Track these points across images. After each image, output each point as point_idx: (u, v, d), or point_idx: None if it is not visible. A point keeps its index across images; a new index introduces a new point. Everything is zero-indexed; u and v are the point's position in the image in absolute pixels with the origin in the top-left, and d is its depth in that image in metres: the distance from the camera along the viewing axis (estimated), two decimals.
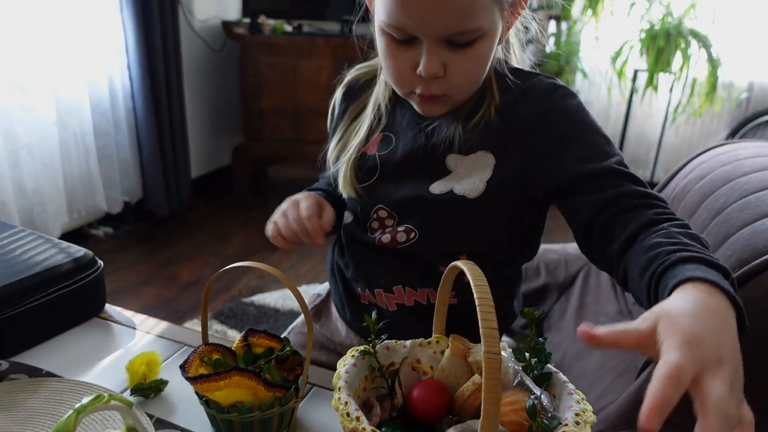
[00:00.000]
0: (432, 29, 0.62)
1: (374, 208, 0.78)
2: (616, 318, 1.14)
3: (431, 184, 0.73)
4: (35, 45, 2.02)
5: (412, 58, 0.66)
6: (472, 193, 0.71)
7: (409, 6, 0.61)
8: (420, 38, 0.65)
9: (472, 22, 0.62)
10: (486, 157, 0.71)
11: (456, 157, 0.73)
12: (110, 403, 0.51)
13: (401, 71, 0.68)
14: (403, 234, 0.76)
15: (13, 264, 0.80)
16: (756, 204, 0.82)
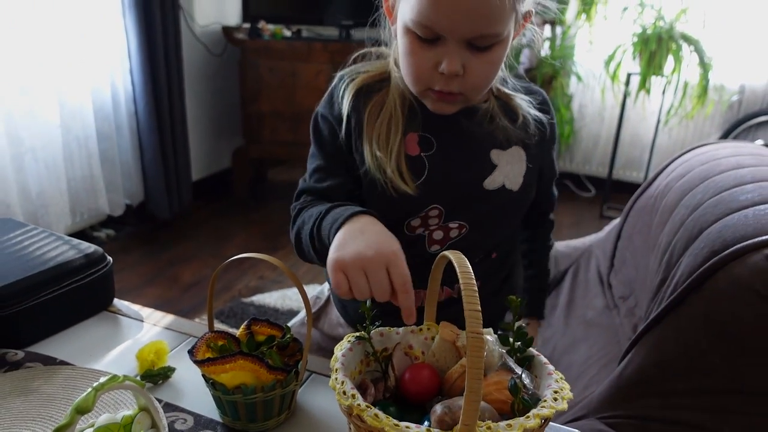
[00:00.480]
0: (459, 30, 0.67)
1: (427, 208, 0.80)
2: (603, 312, 1.18)
3: (484, 180, 0.80)
4: (39, 50, 2.07)
5: (434, 57, 0.70)
6: (515, 186, 0.81)
7: (442, 6, 0.66)
8: (444, 38, 0.69)
9: (495, 28, 0.68)
10: (519, 153, 0.81)
11: (498, 152, 0.80)
12: (125, 383, 0.56)
13: (422, 68, 0.72)
14: (456, 230, 0.82)
15: (27, 260, 0.84)
16: (729, 200, 0.86)
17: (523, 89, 0.85)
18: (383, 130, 0.79)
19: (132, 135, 2.53)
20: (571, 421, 0.85)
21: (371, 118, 0.80)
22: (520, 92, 0.84)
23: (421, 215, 0.81)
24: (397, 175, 0.77)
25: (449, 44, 0.69)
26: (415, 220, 0.81)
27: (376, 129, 0.79)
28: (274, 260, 0.65)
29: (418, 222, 0.81)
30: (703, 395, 0.74)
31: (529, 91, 0.86)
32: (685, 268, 0.85)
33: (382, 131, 0.79)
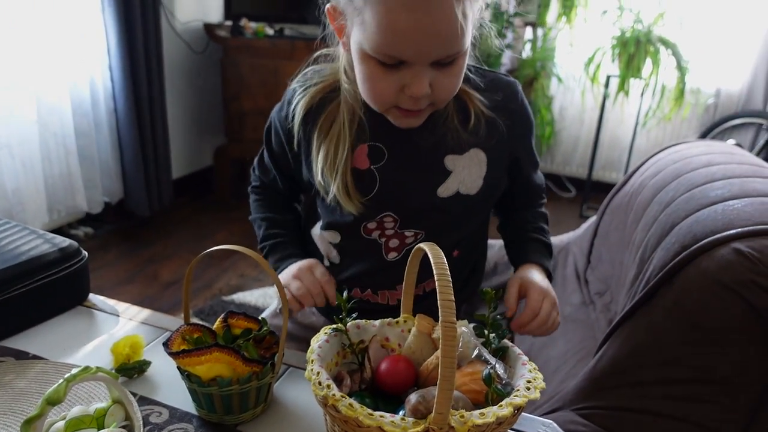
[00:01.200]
0: (425, 56, 0.66)
1: (381, 215, 0.80)
2: (580, 308, 1.20)
3: (438, 188, 0.77)
4: (17, 45, 2.03)
5: (399, 80, 0.68)
6: (473, 189, 0.79)
7: (405, 37, 0.64)
8: (408, 62, 0.67)
9: (460, 45, 0.66)
10: (479, 155, 0.78)
11: (453, 157, 0.77)
12: (97, 374, 0.55)
13: (387, 92, 0.69)
14: (412, 237, 0.81)
15: (0, 253, 0.83)
16: (699, 196, 0.89)
17: (489, 83, 0.80)
18: (331, 148, 0.78)
19: (111, 132, 2.50)
20: (547, 413, 0.87)
21: (321, 135, 0.79)
22: (482, 88, 0.79)
23: (377, 220, 0.80)
24: (343, 194, 0.77)
25: (414, 67, 0.67)
26: (371, 223, 0.81)
27: (324, 148, 0.78)
28: (250, 252, 0.65)
29: (374, 225, 0.81)
30: (674, 385, 0.76)
31: (494, 83, 0.80)
32: (657, 262, 0.87)
33: (330, 149, 0.78)
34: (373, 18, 0.65)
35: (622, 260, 1.11)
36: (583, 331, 1.17)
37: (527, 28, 3.28)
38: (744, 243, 0.72)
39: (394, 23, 0.63)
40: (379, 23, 0.64)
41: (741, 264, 0.71)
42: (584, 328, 1.17)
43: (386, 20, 0.63)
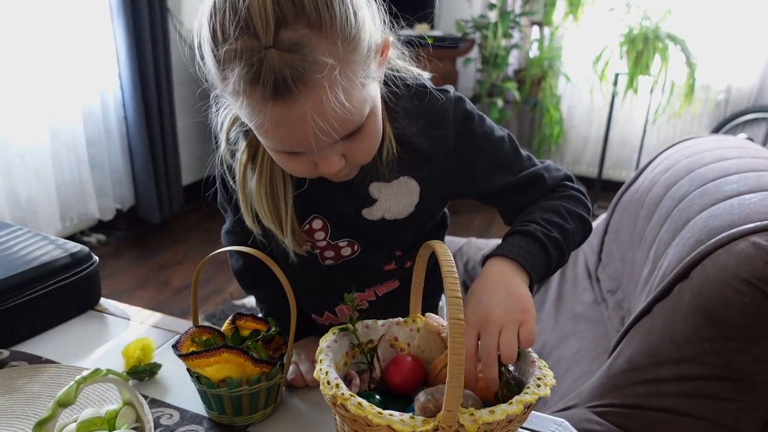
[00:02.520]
0: (319, 146, 0.57)
1: (309, 217, 0.73)
2: (592, 306, 1.19)
3: (362, 210, 0.71)
4: (28, 55, 2.06)
5: (308, 159, 0.60)
6: (401, 215, 0.72)
7: (288, 145, 0.58)
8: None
9: (356, 120, 0.58)
10: (409, 183, 0.70)
11: (379, 185, 0.70)
12: (108, 376, 0.55)
13: (303, 172, 0.62)
14: (348, 248, 0.75)
15: (12, 259, 0.84)
16: (714, 191, 0.87)
17: (418, 108, 0.69)
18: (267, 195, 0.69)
19: (121, 139, 2.52)
20: (561, 411, 0.85)
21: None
22: (410, 114, 0.69)
23: (306, 229, 0.73)
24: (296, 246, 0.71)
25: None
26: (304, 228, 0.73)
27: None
28: (260, 254, 0.65)
29: (305, 237, 0.73)
30: (691, 382, 0.75)
31: (428, 109, 0.69)
32: (672, 258, 0.86)
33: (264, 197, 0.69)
34: (252, 128, 0.58)
35: (633, 257, 1.09)
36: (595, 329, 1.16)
37: (534, 27, 3.26)
38: (763, 237, 0.71)
39: (271, 134, 0.56)
40: (256, 132, 0.58)
41: (761, 258, 0.70)
42: (596, 327, 1.16)
43: (261, 131, 0.57)
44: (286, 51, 0.51)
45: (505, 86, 3.08)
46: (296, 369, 0.74)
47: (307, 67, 0.51)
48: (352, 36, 0.54)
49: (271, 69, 0.51)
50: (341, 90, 0.53)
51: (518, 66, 3.32)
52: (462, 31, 3.07)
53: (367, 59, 0.57)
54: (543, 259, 0.66)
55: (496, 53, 3.03)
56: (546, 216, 0.69)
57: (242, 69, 0.52)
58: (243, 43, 0.51)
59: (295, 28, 0.51)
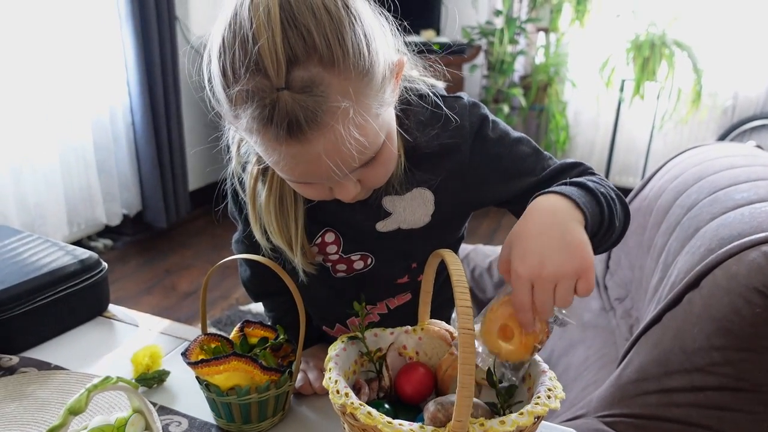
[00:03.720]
0: (335, 177, 0.55)
1: (321, 231, 0.72)
2: (600, 314, 1.18)
3: (377, 224, 0.70)
4: (37, 62, 2.08)
5: (324, 186, 0.60)
6: (418, 224, 0.70)
7: (304, 174, 0.56)
8: None
9: (372, 149, 0.56)
10: (424, 194, 0.69)
11: (392, 198, 0.69)
12: (118, 384, 0.55)
13: (318, 196, 0.62)
14: (360, 262, 0.74)
15: (22, 265, 0.84)
16: (724, 199, 0.87)
17: (435, 117, 0.67)
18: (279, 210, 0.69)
19: (129, 145, 2.54)
20: (570, 420, 0.85)
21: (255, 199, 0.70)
22: (424, 125, 0.67)
23: (318, 242, 0.72)
24: (304, 262, 0.70)
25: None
26: (312, 247, 0.73)
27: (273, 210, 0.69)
28: (267, 261, 0.65)
29: (316, 249, 0.73)
30: (702, 392, 0.74)
31: (441, 117, 0.67)
32: (682, 266, 0.85)
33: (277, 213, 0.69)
34: (269, 164, 0.58)
35: (642, 265, 1.09)
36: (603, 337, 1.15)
37: (540, 33, 3.27)
38: None
39: (286, 169, 0.55)
40: (276, 169, 0.57)
41: None
42: (605, 335, 1.15)
43: (277, 166, 0.56)
44: (298, 92, 0.49)
45: (511, 92, 3.09)
46: (304, 377, 0.74)
47: (321, 107, 0.50)
48: (366, 69, 0.52)
49: (285, 111, 0.49)
50: (356, 127, 0.52)
51: (524, 72, 3.32)
52: (468, 37, 3.07)
53: (381, 88, 0.55)
54: (594, 208, 0.58)
55: (502, 59, 3.04)
56: (585, 178, 0.64)
57: (255, 110, 0.51)
58: (255, 85, 0.50)
59: (307, 67, 0.49)
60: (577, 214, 0.56)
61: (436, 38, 3.00)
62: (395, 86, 0.59)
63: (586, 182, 0.62)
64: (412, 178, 0.67)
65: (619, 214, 0.64)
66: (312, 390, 0.73)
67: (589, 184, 0.61)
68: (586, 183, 0.62)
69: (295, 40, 0.49)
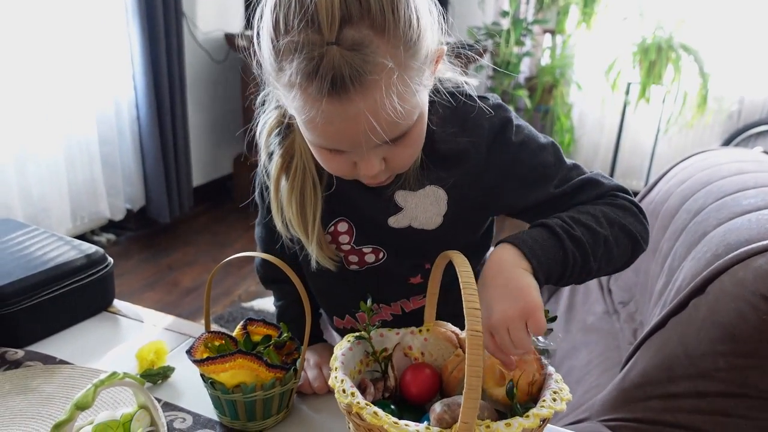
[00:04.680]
0: (365, 146, 0.57)
1: (334, 219, 0.73)
2: (603, 317, 1.18)
3: (389, 219, 0.70)
4: (43, 55, 2.08)
5: (349, 159, 0.60)
6: (430, 225, 0.70)
7: (336, 141, 0.57)
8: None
9: (405, 125, 0.57)
10: (437, 192, 0.69)
11: (405, 193, 0.69)
12: (125, 380, 0.55)
13: (341, 171, 0.63)
14: (372, 255, 0.74)
15: (28, 259, 0.84)
16: (732, 204, 0.87)
17: (457, 116, 0.68)
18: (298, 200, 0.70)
19: (134, 140, 2.54)
20: (573, 424, 0.85)
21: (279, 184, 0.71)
22: (445, 122, 0.67)
23: (330, 231, 0.73)
24: (321, 255, 0.71)
25: (362, 151, 0.59)
26: (325, 235, 0.73)
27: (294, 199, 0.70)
28: (273, 259, 0.65)
29: (329, 238, 0.73)
30: (706, 398, 0.74)
31: (464, 117, 0.67)
32: (688, 271, 0.85)
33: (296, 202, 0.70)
34: (297, 118, 0.59)
35: (647, 269, 1.09)
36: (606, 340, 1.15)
37: (546, 35, 3.26)
38: None
39: (319, 129, 0.56)
40: (304, 126, 0.58)
41: None
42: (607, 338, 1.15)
43: (310, 125, 0.57)
44: (347, 49, 0.51)
45: (517, 94, 3.08)
46: (303, 375, 0.74)
47: (367, 67, 0.52)
48: (413, 42, 0.54)
49: (331, 65, 0.51)
50: (396, 94, 0.54)
51: (530, 73, 3.32)
52: (474, 38, 3.07)
53: (423, 66, 0.57)
54: (556, 254, 0.60)
55: (508, 60, 3.03)
56: (576, 215, 0.63)
57: (301, 62, 0.52)
58: (305, 37, 0.52)
59: (359, 28, 0.51)
60: (523, 263, 0.59)
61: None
62: (433, 72, 0.61)
63: (565, 221, 0.62)
64: (427, 175, 0.68)
65: (614, 251, 0.64)
66: (311, 389, 0.73)
67: (559, 227, 0.61)
68: (563, 222, 0.62)
69: (351, 1, 0.51)
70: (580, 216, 0.63)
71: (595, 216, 0.64)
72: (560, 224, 0.62)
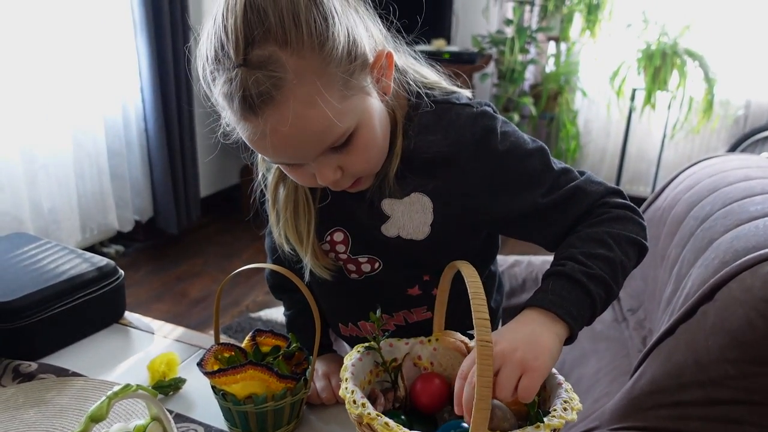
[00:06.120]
0: (305, 157, 0.60)
1: (330, 230, 0.73)
2: (612, 325, 1.18)
3: (381, 227, 0.70)
4: (53, 68, 2.11)
5: (306, 170, 0.62)
6: (419, 236, 0.70)
7: (274, 155, 0.60)
8: None
9: (339, 131, 0.58)
10: (422, 200, 0.68)
11: (390, 201, 0.69)
12: (138, 392, 0.56)
13: (305, 181, 0.64)
14: (368, 265, 0.74)
15: (41, 273, 0.85)
16: (739, 211, 0.87)
17: (441, 123, 0.67)
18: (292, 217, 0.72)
19: (142, 152, 2.56)
20: None
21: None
22: (427, 130, 0.67)
23: (327, 238, 0.73)
24: (315, 265, 0.72)
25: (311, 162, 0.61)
26: (324, 244, 0.74)
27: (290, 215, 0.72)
28: (283, 270, 0.66)
29: (327, 246, 0.74)
30: (716, 406, 0.74)
31: (447, 123, 0.67)
32: (696, 278, 0.85)
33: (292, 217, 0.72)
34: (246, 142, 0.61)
35: (655, 276, 1.09)
36: (615, 348, 1.14)
37: (550, 42, 3.27)
38: None
39: (254, 146, 0.60)
40: (251, 147, 0.61)
41: None
42: (616, 346, 1.15)
43: (252, 145, 0.60)
44: (254, 68, 0.54)
45: (522, 101, 3.09)
46: (312, 386, 0.74)
47: (272, 82, 0.54)
48: (326, 48, 0.55)
49: (240, 86, 0.54)
50: (311, 103, 0.55)
51: (534, 81, 3.32)
52: (478, 46, 3.08)
53: (348, 72, 0.57)
54: (584, 301, 0.60)
55: (512, 68, 3.04)
56: (586, 249, 0.62)
57: (222, 86, 0.56)
58: (221, 63, 0.56)
59: (264, 46, 0.54)
60: (558, 326, 0.59)
61: (447, 47, 3.01)
62: (377, 78, 0.62)
63: (579, 261, 0.61)
64: (408, 182, 0.68)
65: (627, 266, 0.65)
66: (320, 400, 0.73)
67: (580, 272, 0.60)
68: (579, 264, 0.61)
69: (253, 22, 0.54)
70: (592, 248, 0.63)
71: (603, 241, 0.63)
72: (578, 268, 0.61)
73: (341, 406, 0.71)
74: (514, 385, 0.54)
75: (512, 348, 0.55)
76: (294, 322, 0.85)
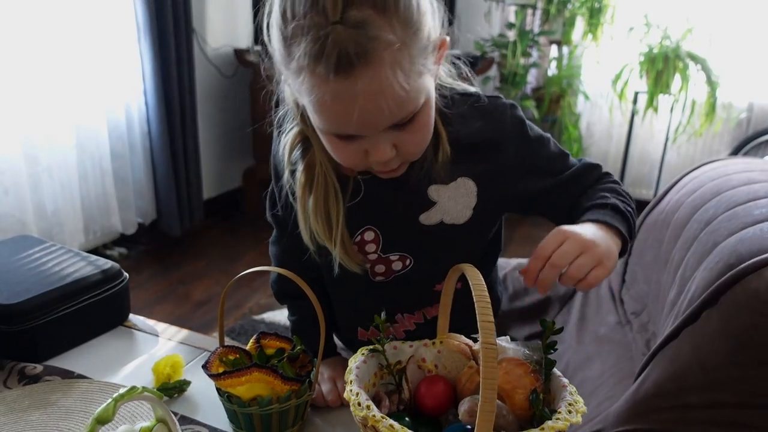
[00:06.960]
0: (374, 128, 0.60)
1: (361, 229, 0.74)
2: (616, 328, 1.18)
3: (420, 215, 0.72)
4: (56, 72, 2.12)
5: (360, 147, 0.63)
6: (461, 219, 0.73)
7: (344, 121, 0.59)
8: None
9: (411, 106, 0.60)
10: (467, 184, 0.72)
11: (437, 187, 0.72)
12: (144, 394, 0.56)
13: (353, 160, 0.65)
14: (399, 263, 0.76)
15: (45, 275, 0.86)
16: (743, 214, 0.86)
17: (477, 111, 0.73)
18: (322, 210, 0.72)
19: (145, 154, 2.57)
20: None
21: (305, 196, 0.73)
22: (466, 118, 0.72)
23: (357, 239, 0.74)
24: (348, 259, 0.73)
25: (371, 137, 0.62)
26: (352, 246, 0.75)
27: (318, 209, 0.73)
28: (289, 273, 0.66)
29: (356, 248, 0.75)
30: (720, 409, 0.74)
31: (484, 112, 0.73)
32: (700, 282, 0.85)
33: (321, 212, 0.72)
34: (307, 104, 0.61)
35: (659, 279, 1.08)
36: (619, 351, 1.14)
37: (552, 46, 3.27)
38: None
39: (329, 111, 0.59)
40: (314, 110, 0.61)
41: None
42: (620, 349, 1.15)
43: (320, 108, 0.59)
44: (351, 28, 0.54)
45: (524, 104, 3.09)
46: (318, 388, 0.74)
47: (371, 44, 0.55)
48: (413, 22, 0.58)
49: (336, 44, 0.54)
50: (401, 71, 0.57)
51: (537, 84, 3.33)
52: (481, 49, 3.09)
53: (425, 49, 0.60)
54: (631, 227, 0.71)
55: (514, 72, 3.05)
56: (602, 194, 0.75)
57: (308, 44, 0.55)
58: (311, 20, 0.55)
59: (361, 8, 0.55)
60: (617, 239, 0.68)
61: (449, 50, 3.01)
62: (438, 60, 0.65)
63: (620, 207, 0.72)
64: (457, 167, 0.72)
65: (633, 214, 0.75)
66: (325, 402, 0.74)
67: (621, 208, 0.72)
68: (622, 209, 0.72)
69: None
70: (605, 193, 0.75)
71: (615, 190, 0.76)
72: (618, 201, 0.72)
73: (346, 408, 0.71)
74: (586, 273, 0.61)
75: (594, 242, 0.63)
76: (299, 327, 0.85)
